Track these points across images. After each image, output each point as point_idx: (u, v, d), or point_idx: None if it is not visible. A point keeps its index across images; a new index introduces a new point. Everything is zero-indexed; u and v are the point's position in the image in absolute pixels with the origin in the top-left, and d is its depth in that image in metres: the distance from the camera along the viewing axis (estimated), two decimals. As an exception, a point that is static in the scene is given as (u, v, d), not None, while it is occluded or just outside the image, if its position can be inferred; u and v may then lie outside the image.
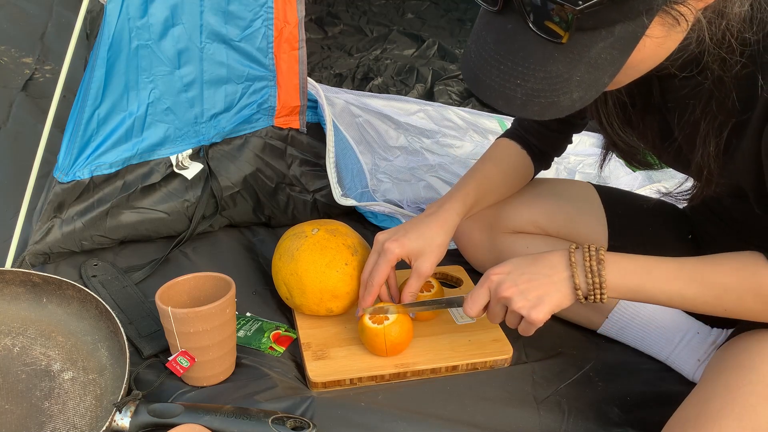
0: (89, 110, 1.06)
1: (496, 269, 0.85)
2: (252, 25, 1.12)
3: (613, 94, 0.84)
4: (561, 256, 0.82)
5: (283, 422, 0.83)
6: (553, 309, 0.81)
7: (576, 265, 0.81)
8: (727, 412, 0.74)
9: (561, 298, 0.81)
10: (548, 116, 0.63)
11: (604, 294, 0.79)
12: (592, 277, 0.79)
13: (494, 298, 0.84)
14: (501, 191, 1.07)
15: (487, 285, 0.85)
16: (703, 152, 0.77)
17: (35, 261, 1.12)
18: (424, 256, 0.94)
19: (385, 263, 0.93)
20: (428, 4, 2.63)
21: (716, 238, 1.02)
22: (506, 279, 0.83)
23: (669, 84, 0.80)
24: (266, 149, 1.24)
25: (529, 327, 0.84)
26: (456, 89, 1.95)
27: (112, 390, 0.88)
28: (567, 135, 1.08)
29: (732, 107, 0.72)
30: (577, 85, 0.62)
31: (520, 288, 0.82)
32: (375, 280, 0.94)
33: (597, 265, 0.79)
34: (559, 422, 0.92)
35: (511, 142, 1.08)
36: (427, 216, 0.97)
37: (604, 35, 0.59)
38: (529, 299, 0.81)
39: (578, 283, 0.80)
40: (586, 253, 0.80)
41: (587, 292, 0.80)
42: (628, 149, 0.89)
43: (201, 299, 0.94)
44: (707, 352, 0.97)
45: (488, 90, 0.64)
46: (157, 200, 1.18)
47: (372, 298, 0.96)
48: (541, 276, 0.82)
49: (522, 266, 0.83)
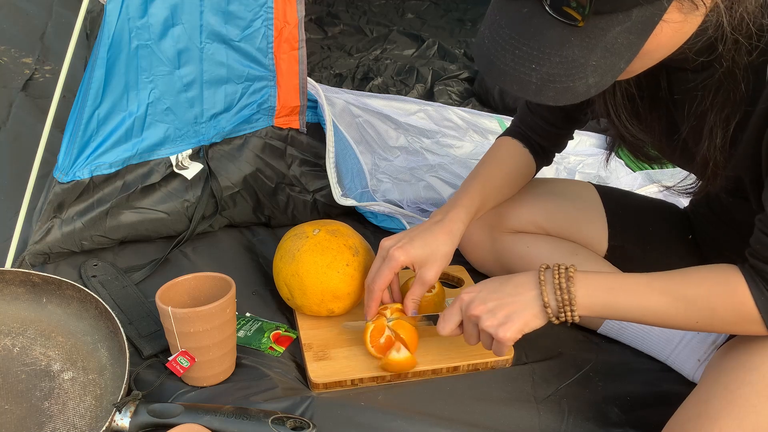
0: (89, 110, 1.06)
1: (468, 289, 0.87)
2: (252, 25, 1.12)
3: (621, 86, 0.84)
4: (530, 275, 0.83)
5: (283, 422, 0.83)
6: (521, 328, 0.82)
7: (545, 283, 0.81)
8: (727, 412, 0.74)
9: (529, 317, 0.81)
10: (563, 102, 0.63)
11: (574, 311, 0.79)
12: (561, 294, 0.79)
13: (465, 317, 0.85)
14: (504, 193, 1.07)
15: (458, 304, 0.86)
16: (709, 144, 0.77)
17: (35, 261, 1.11)
18: (429, 264, 0.94)
19: (388, 270, 0.93)
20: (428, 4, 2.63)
21: (717, 238, 1.02)
22: (476, 298, 0.84)
23: (678, 77, 0.80)
24: (266, 149, 1.24)
25: (499, 346, 0.84)
26: (456, 89, 1.95)
27: (112, 390, 0.88)
28: (570, 131, 1.08)
29: (741, 98, 0.72)
30: (593, 70, 0.61)
31: (488, 306, 0.82)
32: (377, 285, 0.94)
33: (566, 282, 0.79)
34: (559, 422, 0.92)
35: (512, 141, 1.08)
36: (433, 224, 0.96)
37: (621, 19, 0.59)
38: (497, 317, 0.82)
39: (547, 301, 0.80)
40: (555, 271, 0.81)
41: (557, 311, 0.80)
42: (635, 142, 0.89)
43: (201, 299, 0.94)
44: (707, 352, 0.97)
45: (502, 75, 0.63)
46: (157, 200, 1.18)
47: (375, 304, 0.96)
48: (510, 295, 0.82)
49: (492, 286, 0.84)
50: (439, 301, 1.05)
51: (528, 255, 1.10)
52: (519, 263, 1.11)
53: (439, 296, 1.05)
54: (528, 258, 1.10)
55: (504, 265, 1.14)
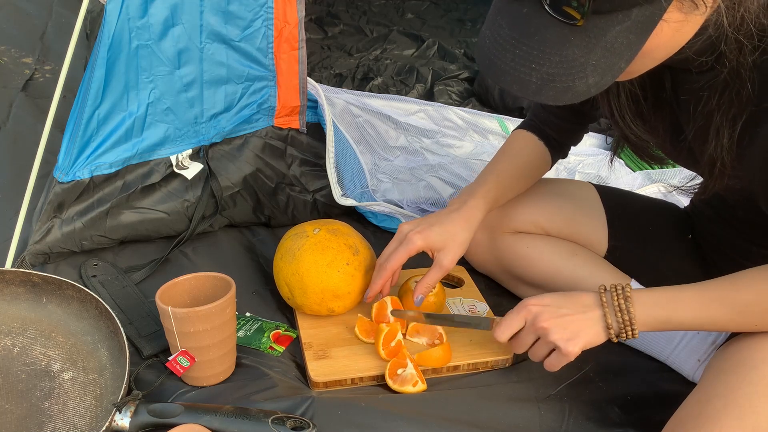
0: (89, 110, 1.06)
1: (534, 300, 0.86)
2: (252, 25, 1.12)
3: (625, 87, 0.84)
4: (592, 296, 0.85)
5: (283, 422, 0.83)
6: (586, 344, 0.84)
7: (607, 305, 0.83)
8: (727, 412, 0.74)
9: (594, 335, 0.83)
10: (563, 101, 0.63)
11: (635, 330, 0.82)
12: (621, 316, 0.82)
13: (531, 327, 0.86)
14: (520, 186, 1.08)
15: (524, 314, 0.86)
16: (716, 144, 0.77)
17: (35, 261, 1.11)
18: (447, 249, 0.95)
19: (405, 251, 0.94)
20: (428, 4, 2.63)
21: (721, 237, 1.02)
22: (545, 310, 0.84)
23: (682, 77, 0.80)
24: (266, 149, 1.24)
25: (561, 359, 0.85)
26: (456, 89, 1.95)
27: (112, 390, 0.88)
28: (583, 125, 1.08)
29: (747, 98, 0.72)
30: (592, 69, 0.61)
31: (559, 320, 0.83)
32: (389, 264, 0.95)
33: (624, 303, 0.81)
34: (560, 422, 0.91)
35: (528, 134, 1.08)
36: (451, 212, 0.97)
37: (620, 19, 0.59)
38: (567, 331, 0.83)
39: (610, 323, 0.82)
40: (614, 293, 0.83)
41: (619, 331, 0.83)
42: (639, 143, 0.89)
43: (201, 299, 0.94)
44: (707, 352, 0.97)
45: (502, 74, 0.63)
46: (157, 200, 1.18)
47: (382, 281, 0.97)
48: (578, 312, 0.84)
49: (559, 301, 0.85)
50: (440, 302, 1.05)
51: (528, 255, 1.10)
52: (519, 263, 1.11)
53: (440, 296, 1.05)
54: (528, 258, 1.10)
55: (504, 265, 1.14)
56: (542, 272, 1.09)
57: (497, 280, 1.18)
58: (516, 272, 1.12)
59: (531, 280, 1.11)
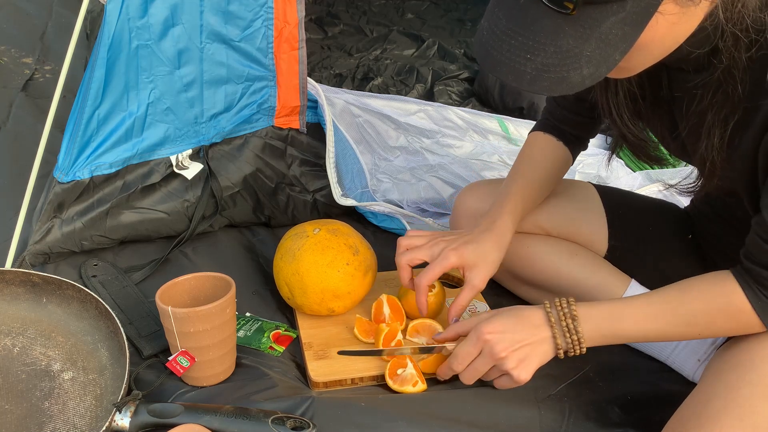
0: (89, 110, 1.06)
1: (487, 327, 0.86)
2: (252, 25, 1.12)
3: (624, 86, 0.84)
4: (540, 315, 0.86)
5: (283, 422, 0.83)
6: (537, 367, 0.86)
7: (555, 324, 0.84)
8: (727, 412, 0.74)
9: (543, 356, 0.86)
10: (558, 92, 0.63)
11: (583, 347, 0.84)
12: (570, 336, 0.83)
13: (489, 357, 0.86)
14: (544, 192, 1.08)
15: (480, 345, 0.86)
16: (707, 143, 0.77)
17: (35, 261, 1.11)
18: (478, 268, 0.95)
19: (440, 267, 0.95)
20: (428, 4, 2.63)
21: (718, 236, 1.02)
22: (502, 339, 0.85)
23: (678, 76, 0.80)
24: (266, 149, 1.24)
25: (512, 384, 0.87)
26: (456, 89, 1.95)
27: (112, 390, 0.88)
28: (598, 118, 1.07)
29: (739, 99, 0.72)
30: (587, 60, 0.61)
31: (516, 352, 0.85)
32: (425, 281, 0.95)
33: (572, 323, 0.83)
34: (560, 422, 0.91)
35: (546, 136, 1.07)
36: (482, 232, 0.97)
37: (615, 9, 0.59)
38: (520, 358, 0.85)
39: (559, 343, 0.84)
40: (560, 311, 0.84)
41: (567, 349, 0.85)
42: (638, 142, 0.89)
43: (201, 299, 0.94)
44: (707, 352, 0.97)
45: (498, 65, 0.64)
46: (157, 200, 1.18)
47: (424, 298, 0.97)
48: (531, 336, 0.85)
49: (513, 326, 0.86)
50: (439, 302, 1.05)
51: (528, 255, 1.10)
52: (519, 263, 1.11)
53: (439, 296, 1.05)
54: (528, 258, 1.10)
55: (504, 265, 1.13)
56: (542, 272, 1.09)
57: (497, 279, 1.18)
58: (516, 272, 1.12)
59: (531, 280, 1.11)
